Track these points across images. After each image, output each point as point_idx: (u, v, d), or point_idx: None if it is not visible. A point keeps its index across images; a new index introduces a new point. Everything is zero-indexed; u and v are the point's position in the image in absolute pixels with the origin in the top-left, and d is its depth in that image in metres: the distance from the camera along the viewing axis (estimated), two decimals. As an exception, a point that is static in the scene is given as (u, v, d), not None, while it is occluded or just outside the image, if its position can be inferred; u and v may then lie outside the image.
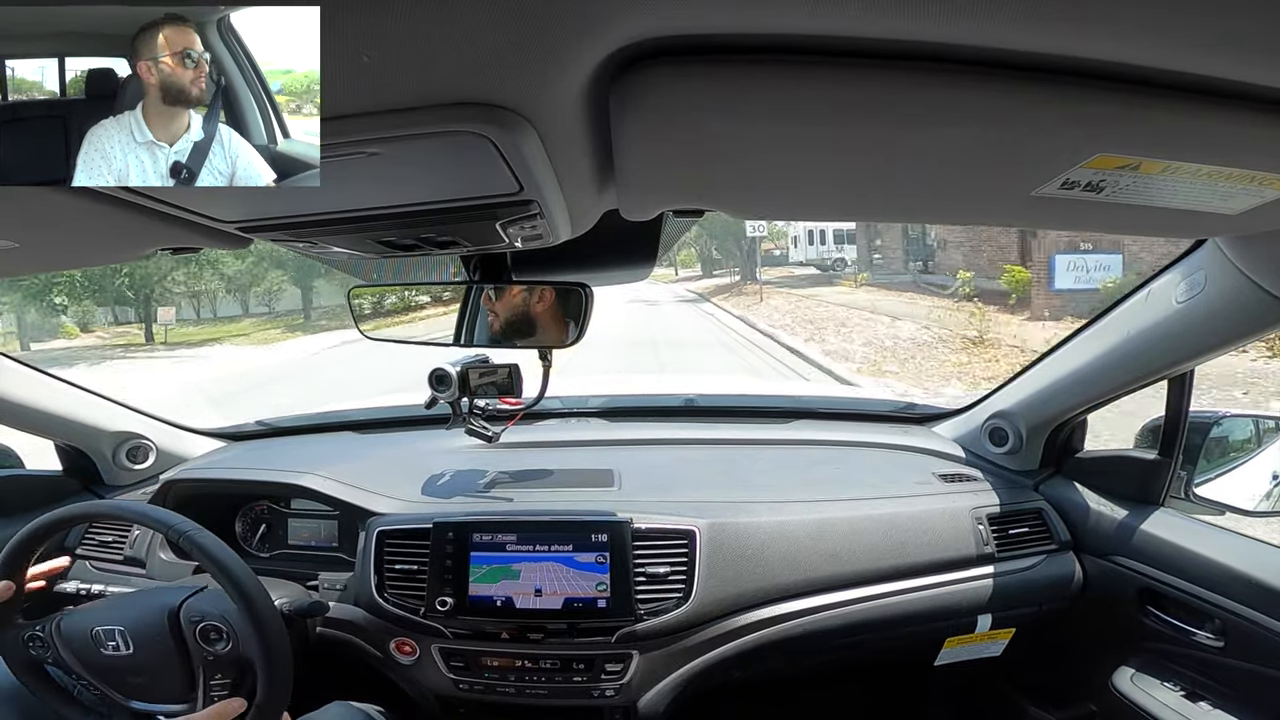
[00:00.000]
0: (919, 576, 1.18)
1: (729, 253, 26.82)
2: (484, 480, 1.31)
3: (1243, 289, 0.83)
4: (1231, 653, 1.00)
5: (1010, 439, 1.36)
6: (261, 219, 0.64)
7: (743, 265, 24.38)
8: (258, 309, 26.15)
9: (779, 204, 0.73)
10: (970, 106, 0.44)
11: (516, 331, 1.07)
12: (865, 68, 0.41)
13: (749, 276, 22.67)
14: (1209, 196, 0.57)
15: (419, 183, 0.57)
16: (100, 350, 17.35)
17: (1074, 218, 0.68)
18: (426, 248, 0.76)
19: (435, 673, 1.14)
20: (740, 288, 21.87)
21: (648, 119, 0.46)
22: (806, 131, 0.49)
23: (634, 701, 1.11)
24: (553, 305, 1.04)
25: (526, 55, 0.38)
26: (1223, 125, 0.46)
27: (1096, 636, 1.24)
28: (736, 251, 25.00)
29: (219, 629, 0.93)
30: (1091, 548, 1.22)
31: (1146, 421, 1.21)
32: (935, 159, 0.53)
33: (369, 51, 0.36)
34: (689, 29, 0.39)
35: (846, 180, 0.61)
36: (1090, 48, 0.39)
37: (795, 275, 23.15)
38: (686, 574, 1.09)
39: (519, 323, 1.07)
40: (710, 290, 23.97)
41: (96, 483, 1.45)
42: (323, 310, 24.02)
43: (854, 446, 1.48)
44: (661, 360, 9.38)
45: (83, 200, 0.55)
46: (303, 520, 1.36)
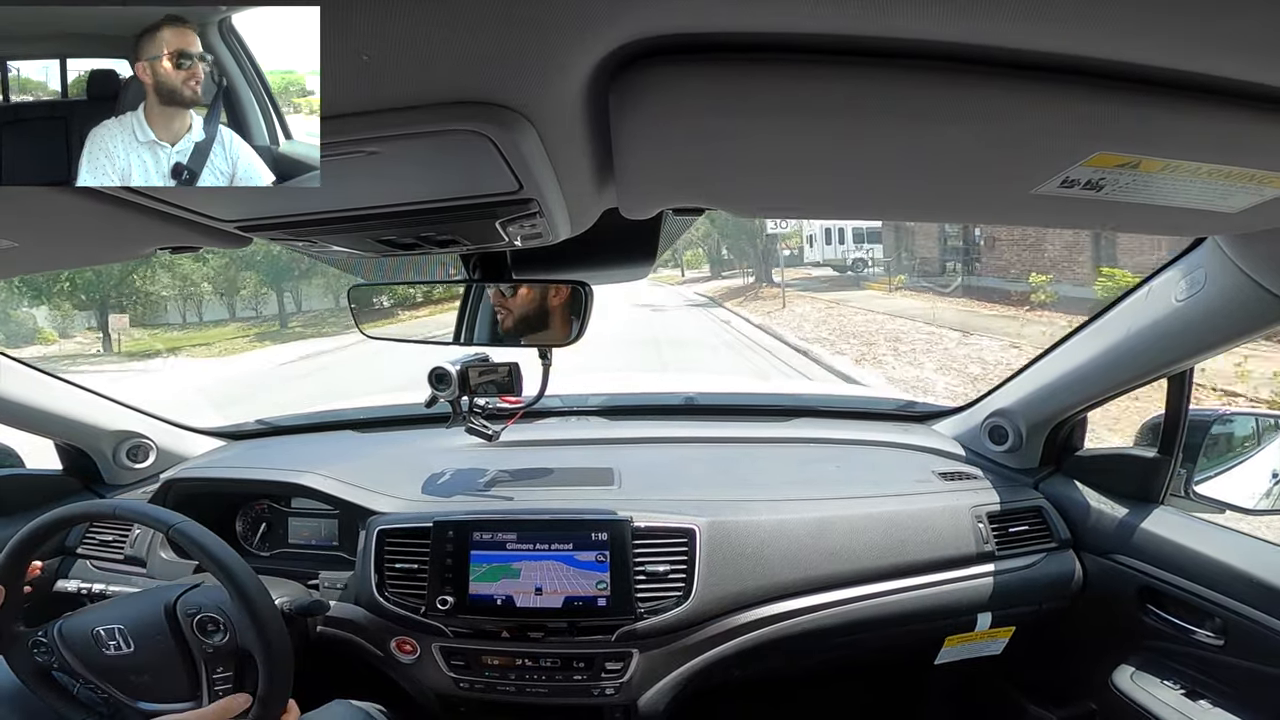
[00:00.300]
0: (919, 575, 1.18)
1: (742, 252, 25.28)
2: (484, 479, 1.31)
3: (1243, 287, 0.83)
4: (1231, 651, 1.00)
5: (1010, 437, 1.37)
6: (261, 218, 0.65)
7: (757, 266, 23.05)
8: (244, 312, 25.11)
9: (778, 202, 0.73)
10: (970, 105, 0.44)
11: (516, 330, 1.07)
12: (865, 66, 0.41)
13: (765, 278, 21.42)
14: (1209, 195, 0.57)
15: (418, 181, 0.57)
16: (48, 360, 14.11)
17: (1074, 216, 0.68)
18: (426, 246, 0.76)
19: (436, 671, 1.14)
20: (756, 290, 20.36)
21: (647, 117, 0.46)
22: (806, 130, 0.49)
23: (634, 700, 1.11)
24: (552, 303, 1.04)
25: (526, 54, 0.38)
26: (1222, 124, 0.46)
27: (1096, 635, 1.24)
28: (751, 251, 23.38)
29: (215, 620, 0.93)
30: (1091, 546, 1.22)
31: (1146, 419, 1.21)
32: (935, 157, 0.53)
33: (368, 51, 0.36)
34: (689, 27, 0.39)
35: (846, 178, 0.61)
36: (1090, 46, 0.39)
37: (813, 277, 21.51)
38: (686, 572, 1.09)
39: (519, 321, 1.07)
40: (722, 293, 22.34)
41: (97, 482, 1.45)
42: (310, 315, 22.86)
43: (854, 445, 1.48)
44: (669, 382, 8.59)
45: (82, 199, 0.55)
46: (303, 519, 1.36)
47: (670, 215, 0.75)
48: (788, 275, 20.87)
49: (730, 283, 26.19)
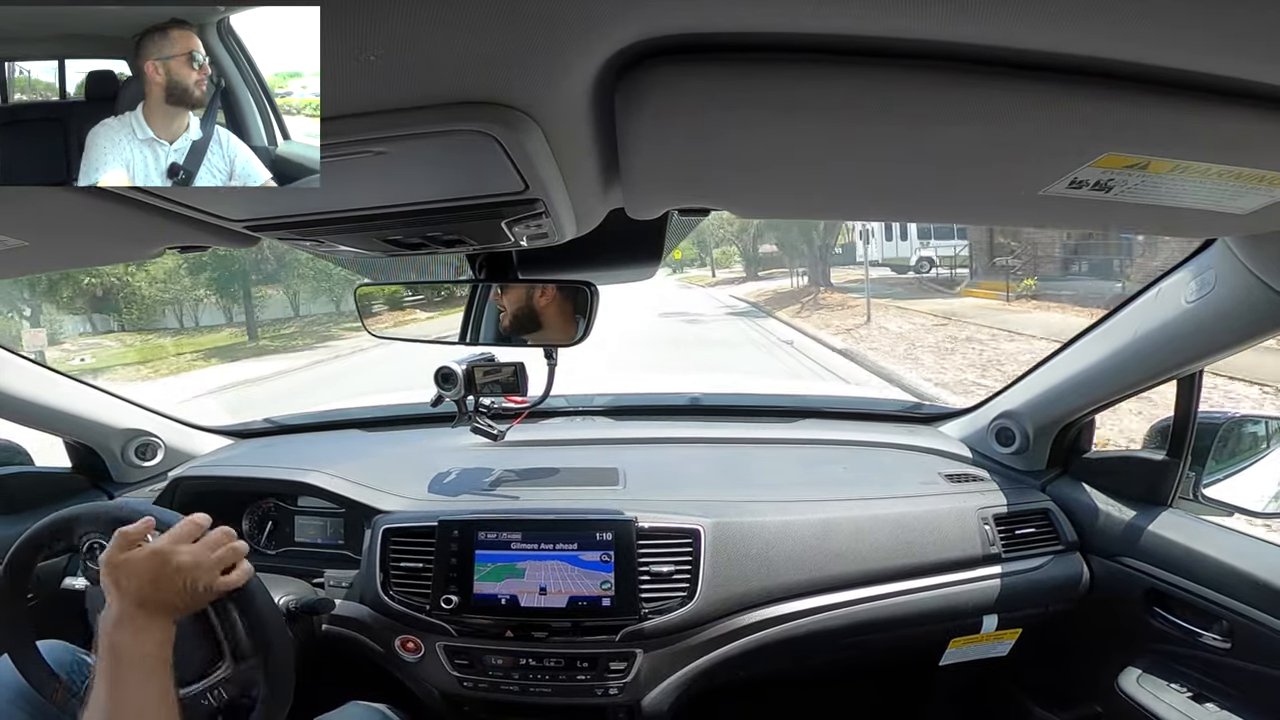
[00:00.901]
0: (924, 576, 1.17)
1: (793, 249, 20.23)
2: (489, 478, 1.32)
3: (1253, 289, 0.82)
4: (1238, 654, 0.99)
5: (1017, 439, 1.36)
6: (269, 218, 0.65)
7: (813, 266, 18.72)
8: (241, 317, 20.55)
9: (784, 203, 0.73)
10: (977, 105, 0.44)
11: (522, 330, 1.07)
12: (871, 66, 0.41)
13: (822, 280, 17.66)
14: (1218, 196, 0.56)
15: (425, 182, 0.58)
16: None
17: (1082, 217, 0.67)
18: (432, 246, 0.76)
19: (440, 670, 1.14)
20: (815, 296, 16.19)
21: (653, 117, 0.46)
22: (812, 130, 0.49)
23: (638, 700, 1.11)
24: (558, 304, 1.04)
25: (531, 54, 0.38)
26: (1232, 124, 0.45)
27: (1103, 637, 1.23)
28: (805, 248, 18.82)
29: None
30: (1098, 548, 1.21)
31: (1155, 422, 1.20)
32: (942, 158, 0.53)
33: (375, 51, 0.36)
34: (694, 28, 0.39)
35: (852, 179, 0.61)
36: (1098, 47, 0.39)
37: (874, 280, 15.21)
38: (691, 573, 1.09)
39: (525, 321, 1.07)
40: (766, 298, 18.53)
41: (105, 480, 1.46)
42: (284, 323, 20.00)
43: (860, 446, 1.48)
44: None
45: (92, 199, 0.55)
46: (309, 518, 1.36)
47: (675, 215, 0.75)
48: (843, 276, 17.86)
49: (773, 285, 21.57)
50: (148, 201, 0.56)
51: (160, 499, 1.31)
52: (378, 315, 1.16)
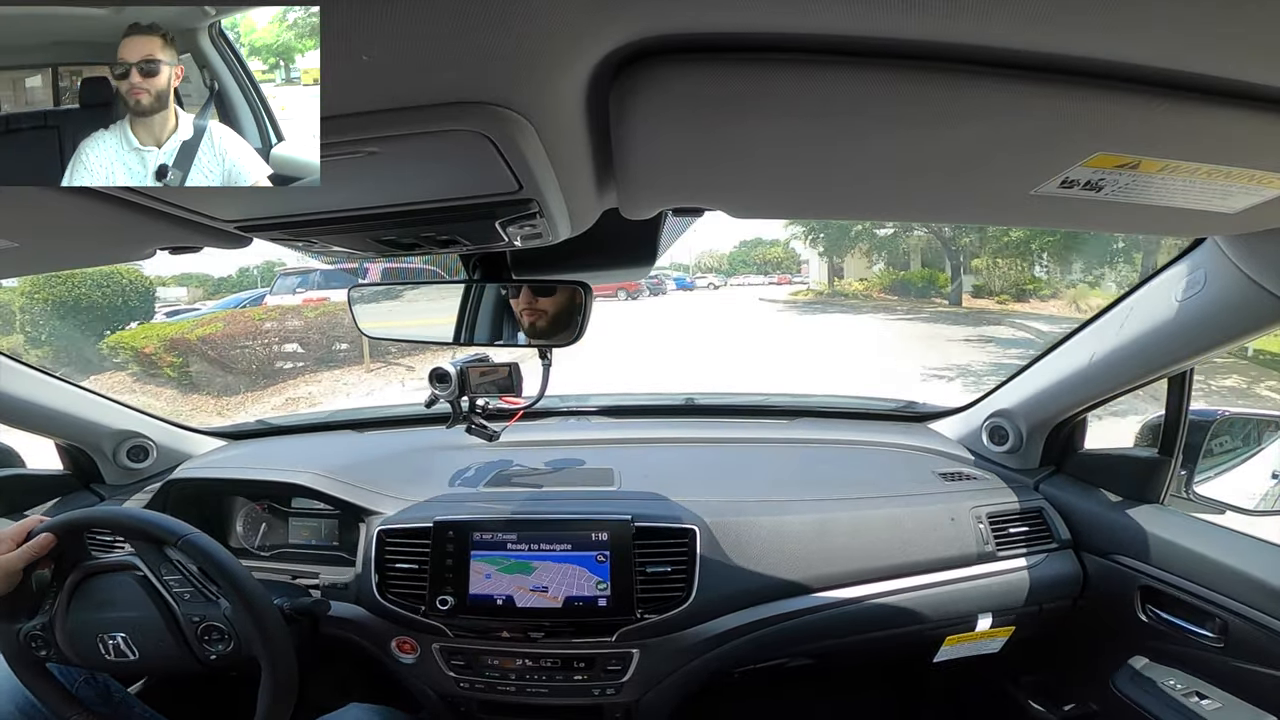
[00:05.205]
0: (919, 575, 1.18)
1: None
2: (484, 479, 1.32)
3: (1242, 287, 0.83)
4: (1232, 651, 1.00)
5: (1011, 438, 1.36)
6: (260, 218, 0.65)
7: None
8: None
9: (778, 203, 0.72)
10: (970, 105, 0.44)
11: (517, 329, 1.07)
12: (865, 66, 0.41)
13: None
14: (1208, 195, 0.57)
15: (418, 182, 0.57)
16: None
17: (1073, 217, 0.68)
18: (426, 247, 0.76)
19: (436, 671, 1.14)
20: None
21: (648, 117, 0.46)
22: (806, 130, 0.49)
23: (634, 700, 1.11)
24: (553, 303, 1.04)
25: (525, 54, 0.38)
26: (1222, 124, 0.46)
27: (1097, 635, 1.24)
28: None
29: (220, 629, 0.93)
30: (1092, 546, 1.22)
31: (1146, 419, 1.21)
32: (935, 157, 0.53)
33: (368, 51, 0.36)
34: (689, 27, 0.39)
35: (846, 178, 0.61)
36: (1089, 47, 0.39)
37: None
38: (687, 573, 1.09)
39: (519, 320, 1.07)
40: None
41: (97, 482, 1.45)
42: None
43: (854, 445, 1.48)
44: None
45: (82, 200, 0.55)
46: (303, 519, 1.36)
47: (670, 215, 0.75)
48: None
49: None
50: (138, 202, 0.55)
51: (153, 502, 1.30)
52: (370, 315, 1.15)
